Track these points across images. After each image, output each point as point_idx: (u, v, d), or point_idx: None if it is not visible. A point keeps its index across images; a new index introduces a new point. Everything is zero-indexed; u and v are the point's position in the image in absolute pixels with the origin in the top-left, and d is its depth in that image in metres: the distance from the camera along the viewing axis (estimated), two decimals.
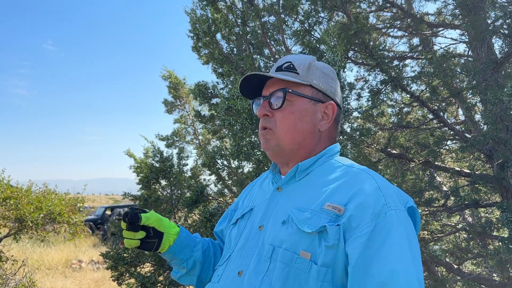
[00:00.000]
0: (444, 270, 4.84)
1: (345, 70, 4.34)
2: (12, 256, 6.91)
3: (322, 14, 4.46)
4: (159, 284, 4.37)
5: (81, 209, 8.72)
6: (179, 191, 5.00)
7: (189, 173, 5.19)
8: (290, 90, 1.19)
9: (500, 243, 3.19)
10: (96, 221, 20.28)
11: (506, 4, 3.60)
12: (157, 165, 4.83)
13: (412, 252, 0.97)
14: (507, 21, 3.68)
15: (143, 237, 1.28)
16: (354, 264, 0.96)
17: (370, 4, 5.06)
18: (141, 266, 4.58)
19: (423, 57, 5.07)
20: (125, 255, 4.50)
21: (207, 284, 1.24)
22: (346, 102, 2.73)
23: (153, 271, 4.50)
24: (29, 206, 7.34)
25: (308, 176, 1.18)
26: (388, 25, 5.51)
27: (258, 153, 3.18)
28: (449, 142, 5.39)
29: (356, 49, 4.38)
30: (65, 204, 8.11)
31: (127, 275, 4.52)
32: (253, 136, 3.17)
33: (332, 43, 2.75)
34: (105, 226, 18.46)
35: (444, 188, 5.31)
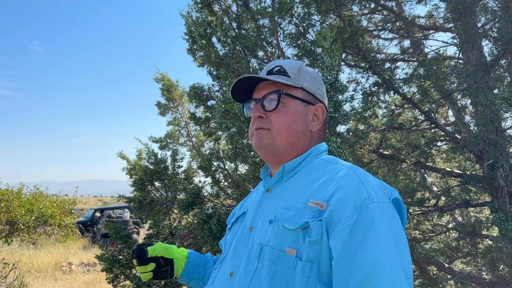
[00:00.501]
0: (436, 269, 4.91)
1: (341, 72, 4.41)
2: (3, 259, 6.85)
3: (315, 17, 4.51)
4: (154, 286, 4.38)
5: (72, 211, 8.66)
6: (173, 193, 5.00)
7: (183, 175, 5.20)
8: (284, 92, 1.24)
9: (490, 242, 3.26)
10: (86, 223, 20.14)
11: (496, 9, 3.68)
12: (152, 167, 4.84)
13: (397, 242, 0.98)
14: (497, 24, 3.76)
15: (155, 268, 1.36)
16: (337, 257, 0.97)
17: (362, 7, 5.12)
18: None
19: (414, 59, 5.15)
20: (120, 257, 4.50)
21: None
22: (342, 106, 2.78)
23: None
24: (21, 208, 7.28)
25: (295, 176, 1.21)
26: (379, 27, 5.58)
27: (255, 155, 3.21)
28: (440, 143, 5.47)
29: (349, 51, 4.44)
30: (56, 207, 8.06)
31: (122, 277, 4.52)
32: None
33: (327, 46, 2.78)
34: (95, 228, 18.34)
35: (435, 188, 5.40)
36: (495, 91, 2.93)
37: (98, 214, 20.75)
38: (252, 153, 3.21)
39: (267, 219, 1.13)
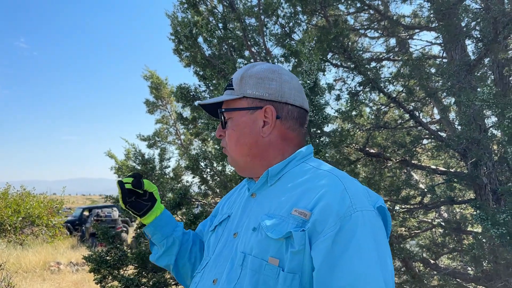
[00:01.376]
0: (421, 265, 4.99)
1: (325, 73, 4.43)
2: None
3: (301, 17, 4.53)
4: (142, 286, 4.38)
5: (60, 210, 8.60)
6: (161, 193, 5.00)
7: (171, 174, 5.20)
8: (223, 110, 1.24)
9: (473, 240, 3.33)
10: (74, 222, 19.98)
11: (477, 10, 3.74)
12: (139, 167, 4.83)
13: (379, 253, 0.96)
14: (479, 24, 3.81)
15: (137, 196, 1.36)
16: (318, 268, 0.96)
17: (348, 6, 5.16)
18: (124, 269, 4.57)
19: (399, 58, 5.20)
20: (107, 257, 4.49)
21: None
22: (322, 110, 2.80)
23: (136, 273, 4.50)
24: (7, 209, 7.22)
25: (280, 181, 1.18)
26: (365, 26, 5.62)
27: None
28: (425, 141, 5.54)
29: (335, 51, 4.47)
30: (43, 207, 8.00)
31: (110, 277, 4.50)
32: None
33: (306, 51, 2.81)
34: (83, 227, 18.20)
35: (421, 186, 5.47)
36: (478, 93, 2.98)
37: (86, 213, 20.58)
38: None
39: (250, 226, 1.12)
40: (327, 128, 3.27)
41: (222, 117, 1.24)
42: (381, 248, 0.98)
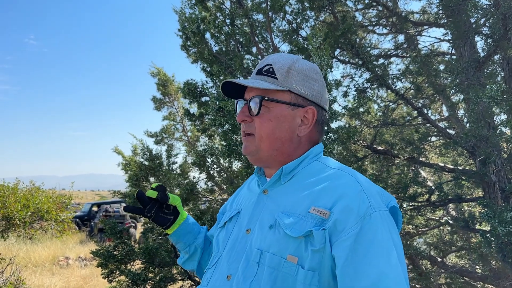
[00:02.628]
0: (429, 263, 4.96)
1: (332, 69, 4.42)
2: None
3: (309, 13, 4.51)
4: (149, 281, 4.41)
5: (68, 206, 8.68)
6: (168, 189, 5.02)
7: (178, 171, 5.21)
8: (266, 98, 1.17)
9: (481, 237, 3.30)
10: (82, 218, 20.14)
11: (487, 6, 3.70)
12: (146, 163, 4.85)
13: (398, 253, 0.99)
14: (489, 21, 3.77)
15: (160, 210, 1.39)
16: (342, 267, 0.97)
17: (357, 2, 5.13)
18: (131, 264, 4.60)
19: (408, 55, 5.16)
20: (115, 252, 4.52)
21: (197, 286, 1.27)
22: (331, 101, 2.79)
23: (143, 268, 4.53)
24: (17, 204, 7.29)
25: (293, 179, 1.18)
26: (373, 22, 5.59)
27: None
28: (433, 138, 5.50)
29: (342, 47, 4.45)
30: (52, 202, 8.07)
31: (117, 272, 4.54)
32: None
33: (317, 46, 2.79)
34: (92, 223, 18.33)
35: (429, 183, 5.43)
36: (486, 90, 2.95)
37: (95, 209, 20.74)
38: None
39: (266, 223, 1.11)
40: (333, 125, 3.26)
41: (259, 104, 1.17)
42: (398, 247, 1.01)
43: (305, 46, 3.51)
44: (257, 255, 1.07)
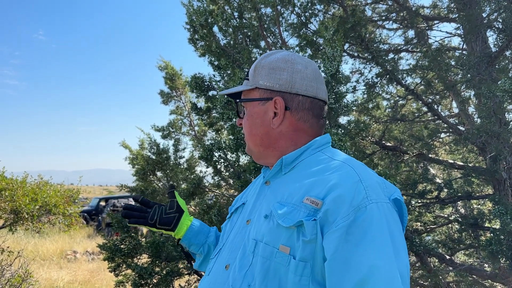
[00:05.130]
0: (437, 261, 4.91)
1: (341, 64, 4.37)
2: (8, 247, 6.91)
3: (318, 7, 4.47)
4: (156, 275, 4.41)
5: (76, 200, 8.72)
6: (175, 183, 5.02)
7: (185, 165, 5.21)
8: (237, 100, 1.26)
9: (491, 234, 3.25)
10: (90, 212, 20.27)
11: (500, 0, 3.63)
12: (154, 157, 4.85)
13: (395, 245, 0.95)
14: (502, 15, 3.71)
15: (165, 209, 1.43)
16: (330, 259, 0.95)
17: None
18: (138, 257, 4.61)
19: (418, 50, 5.10)
20: (122, 246, 4.53)
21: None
22: (343, 98, 2.75)
23: (150, 262, 4.53)
24: (25, 197, 7.33)
25: (294, 169, 1.17)
26: (383, 17, 5.52)
27: None
28: (442, 135, 5.45)
29: (352, 42, 4.40)
30: (60, 196, 8.11)
31: (124, 266, 4.55)
32: None
33: (329, 37, 2.75)
34: (100, 217, 18.45)
35: (438, 180, 5.38)
36: (499, 82, 2.89)
37: (103, 203, 20.86)
38: None
39: (263, 213, 1.12)
40: (342, 120, 3.22)
41: (237, 107, 1.27)
42: (396, 241, 0.96)
43: (314, 39, 3.47)
44: (253, 245, 1.07)
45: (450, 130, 4.90)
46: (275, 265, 1.01)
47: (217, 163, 4.00)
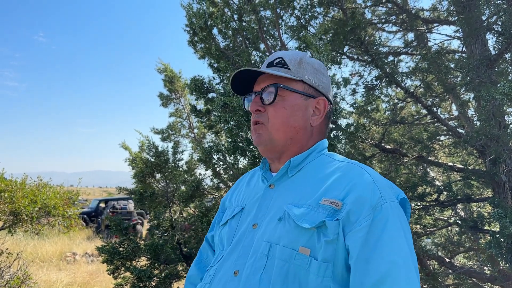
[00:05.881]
0: (436, 263, 4.90)
1: (340, 66, 4.37)
2: (7, 249, 6.91)
3: (317, 9, 4.46)
4: (154, 278, 4.40)
5: (75, 202, 8.71)
6: (174, 185, 5.01)
7: (184, 167, 5.20)
8: (282, 85, 1.19)
9: (491, 237, 3.24)
10: (90, 214, 20.26)
11: (500, 2, 3.63)
12: (152, 159, 4.84)
13: (408, 243, 1.00)
14: (501, 18, 3.70)
15: None
16: (356, 257, 0.98)
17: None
18: (136, 260, 4.60)
19: (417, 52, 5.10)
20: (120, 249, 4.52)
21: (198, 285, 1.22)
22: (338, 98, 2.74)
23: (148, 265, 4.53)
24: (24, 199, 7.33)
25: (301, 172, 1.18)
26: (383, 20, 5.52)
27: (254, 149, 3.20)
28: (442, 137, 5.44)
29: (351, 44, 4.39)
30: (60, 198, 8.11)
31: (123, 268, 4.54)
32: (248, 133, 3.19)
33: (318, 43, 2.76)
34: (99, 219, 18.44)
35: (437, 183, 5.37)
36: (498, 85, 2.89)
37: (102, 205, 20.86)
38: (251, 146, 3.20)
39: (275, 216, 1.10)
40: (340, 122, 3.22)
41: (275, 92, 1.19)
42: (408, 237, 1.02)
43: (313, 42, 3.47)
44: (266, 248, 1.06)
45: (450, 133, 4.89)
46: (295, 268, 1.01)
47: (216, 166, 4.00)
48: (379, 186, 1.06)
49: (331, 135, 2.88)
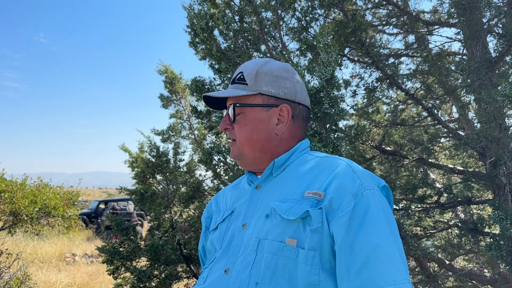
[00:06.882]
0: (436, 265, 4.90)
1: (341, 68, 4.37)
2: (6, 249, 6.90)
3: (318, 11, 4.47)
4: (154, 278, 4.40)
5: (75, 203, 8.72)
6: (174, 186, 5.01)
7: (185, 168, 5.20)
8: (238, 104, 1.23)
9: (491, 240, 3.24)
10: (90, 215, 20.26)
11: (501, 4, 3.63)
12: (153, 160, 4.84)
13: (391, 226, 1.03)
14: (502, 20, 3.71)
15: None
16: (340, 242, 1.00)
17: (367, 1, 5.07)
18: (136, 261, 4.60)
19: (418, 55, 5.10)
20: (120, 249, 4.52)
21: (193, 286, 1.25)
22: (338, 103, 2.75)
23: (148, 265, 4.52)
24: (24, 200, 7.33)
25: (285, 171, 1.22)
26: (384, 22, 5.52)
27: None
28: (442, 140, 5.44)
29: (352, 46, 4.40)
30: (60, 198, 8.11)
31: (123, 269, 4.53)
32: None
33: (326, 43, 2.76)
34: (99, 220, 18.44)
35: (438, 185, 5.37)
36: (499, 87, 2.90)
37: (102, 206, 20.86)
38: None
39: (262, 213, 1.14)
40: (341, 124, 3.22)
41: (233, 111, 1.24)
42: (391, 222, 1.05)
43: (314, 43, 3.47)
44: (255, 244, 1.09)
45: (450, 135, 4.90)
46: (284, 259, 1.03)
47: (216, 167, 4.00)
48: (358, 175, 1.09)
49: (333, 136, 2.88)
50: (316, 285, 1.01)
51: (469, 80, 3.90)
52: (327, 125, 2.87)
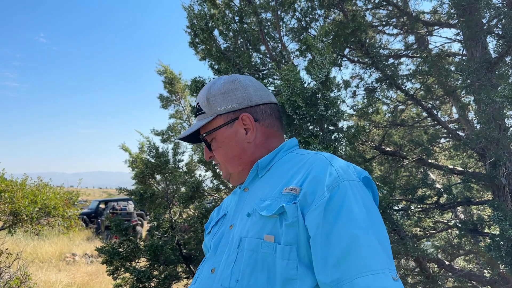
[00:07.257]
0: (436, 266, 4.90)
1: (341, 68, 4.37)
2: (6, 249, 6.91)
3: (318, 12, 4.47)
4: (154, 279, 4.40)
5: (75, 203, 8.72)
6: (174, 187, 5.01)
7: (184, 168, 5.20)
8: (204, 134, 1.30)
9: (490, 240, 3.24)
10: (90, 215, 20.26)
11: (500, 5, 3.63)
12: (153, 160, 4.84)
13: (370, 217, 1.02)
14: (501, 21, 3.71)
15: None
16: (314, 235, 1.01)
17: (367, 2, 5.07)
18: (136, 261, 4.60)
19: (418, 55, 5.10)
20: (120, 249, 4.52)
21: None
22: (333, 104, 2.75)
23: (148, 265, 4.52)
24: (24, 199, 7.34)
25: (270, 171, 1.25)
26: (384, 22, 5.52)
27: None
28: (442, 140, 5.44)
29: (352, 47, 4.40)
30: (60, 198, 8.12)
31: (122, 269, 4.54)
32: None
33: (317, 45, 2.77)
34: (99, 220, 18.44)
35: (437, 186, 5.36)
36: (498, 88, 2.90)
37: (102, 206, 20.87)
38: None
39: (245, 213, 1.17)
40: (340, 125, 3.21)
41: (205, 141, 1.31)
42: (371, 213, 1.04)
43: (314, 44, 3.47)
44: (237, 242, 1.12)
45: (450, 136, 4.90)
46: (262, 256, 1.05)
47: (216, 167, 4.00)
48: (336, 167, 1.10)
49: (332, 137, 2.88)
50: (294, 280, 1.01)
51: (468, 81, 3.90)
52: (324, 126, 2.87)
